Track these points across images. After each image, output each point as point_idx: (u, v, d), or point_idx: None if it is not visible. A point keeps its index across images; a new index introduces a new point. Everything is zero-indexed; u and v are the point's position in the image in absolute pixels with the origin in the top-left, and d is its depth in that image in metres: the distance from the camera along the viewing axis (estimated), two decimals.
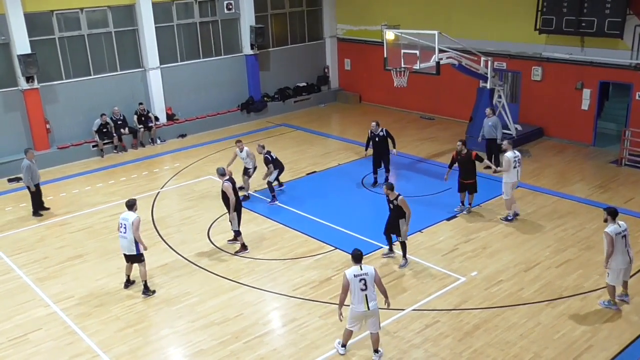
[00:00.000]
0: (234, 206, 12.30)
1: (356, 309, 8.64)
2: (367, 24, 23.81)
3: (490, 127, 16.17)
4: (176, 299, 11.00)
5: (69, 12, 18.86)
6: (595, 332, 9.57)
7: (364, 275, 8.54)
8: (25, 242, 13.60)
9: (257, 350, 9.46)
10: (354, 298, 8.60)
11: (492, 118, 16.26)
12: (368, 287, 8.54)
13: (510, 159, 13.20)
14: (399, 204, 11.26)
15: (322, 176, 17.07)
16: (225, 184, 12.29)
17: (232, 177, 12.63)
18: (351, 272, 8.57)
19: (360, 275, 8.54)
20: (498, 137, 16.09)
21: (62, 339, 9.97)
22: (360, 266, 8.61)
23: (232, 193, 12.25)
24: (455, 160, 13.76)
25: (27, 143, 18.49)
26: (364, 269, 8.59)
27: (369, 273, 8.56)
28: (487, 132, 16.30)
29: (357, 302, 8.60)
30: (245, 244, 12.71)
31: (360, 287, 8.53)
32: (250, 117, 23.00)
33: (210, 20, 21.99)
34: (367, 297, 8.55)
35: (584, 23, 17.04)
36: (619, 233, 9.84)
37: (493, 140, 16.25)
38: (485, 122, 16.34)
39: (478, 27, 20.08)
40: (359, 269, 8.59)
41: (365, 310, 8.60)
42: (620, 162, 16.80)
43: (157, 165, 18.58)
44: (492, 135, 16.21)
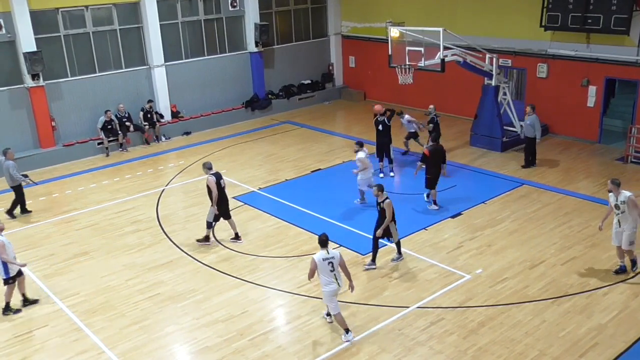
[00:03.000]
0: (216, 200, 12.45)
1: (329, 288, 9.33)
2: (371, 21, 23.77)
3: (528, 125, 16.08)
4: (181, 296, 11.03)
5: (74, 10, 18.90)
6: (600, 329, 9.54)
7: (331, 259, 9.25)
8: (32, 239, 13.66)
9: (261, 348, 9.48)
10: (324, 279, 9.30)
11: (532, 116, 16.03)
12: (335, 268, 9.31)
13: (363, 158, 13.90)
14: (385, 207, 11.10)
15: (326, 173, 17.06)
16: (210, 177, 12.47)
17: (218, 172, 12.74)
18: (319, 257, 9.23)
19: (328, 258, 9.24)
20: (537, 137, 16.12)
21: (68, 336, 10.01)
22: (327, 250, 9.27)
23: (215, 187, 12.39)
24: None
25: (33, 140, 18.57)
26: (330, 252, 9.27)
27: (335, 257, 9.27)
28: (526, 131, 16.24)
29: (326, 283, 9.31)
30: (209, 236, 12.98)
31: (329, 269, 9.27)
32: (254, 114, 23.01)
33: (215, 18, 22.00)
34: (336, 276, 9.31)
35: (590, 19, 16.96)
36: None
37: (532, 139, 16.18)
38: (524, 121, 16.30)
39: (483, 24, 20.03)
40: (326, 252, 9.25)
41: (337, 288, 9.35)
42: (626, 159, 16.73)
43: (162, 163, 18.62)
44: (531, 134, 16.10)
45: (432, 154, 13.89)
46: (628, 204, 10.45)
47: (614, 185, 10.59)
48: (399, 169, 16.90)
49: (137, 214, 14.76)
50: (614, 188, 10.57)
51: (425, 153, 13.97)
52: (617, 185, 10.58)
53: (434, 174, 14.04)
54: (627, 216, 10.55)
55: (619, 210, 10.63)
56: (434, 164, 13.95)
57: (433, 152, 13.92)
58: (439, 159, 14.02)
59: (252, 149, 19.40)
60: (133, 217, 14.57)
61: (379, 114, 15.93)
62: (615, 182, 10.60)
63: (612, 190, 10.61)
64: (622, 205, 10.53)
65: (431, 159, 13.89)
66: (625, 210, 10.53)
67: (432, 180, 14.10)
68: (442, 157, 14.12)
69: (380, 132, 15.96)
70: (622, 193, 10.53)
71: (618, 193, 10.55)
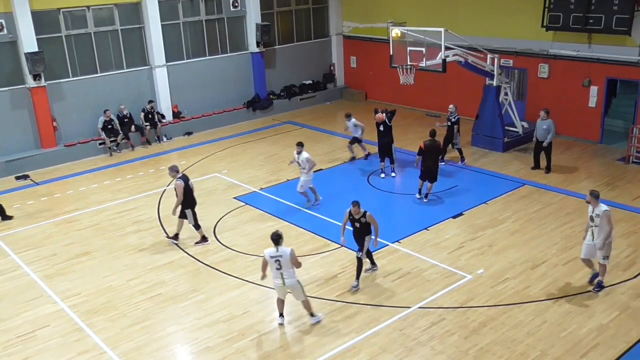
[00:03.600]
0: (179, 203, 12.44)
1: (274, 282, 9.74)
2: (373, 22, 23.77)
3: (544, 130, 15.73)
4: (182, 297, 11.04)
5: (76, 10, 18.92)
6: (602, 330, 9.54)
7: (279, 257, 9.41)
8: (33, 239, 13.68)
9: (263, 348, 9.49)
10: (272, 274, 9.65)
11: (548, 121, 15.71)
12: (282, 267, 9.47)
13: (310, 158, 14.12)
14: (368, 221, 10.73)
15: (327, 174, 17.06)
16: (177, 182, 12.41)
17: (185, 175, 12.70)
18: (268, 253, 9.48)
19: (275, 256, 9.43)
20: (548, 139, 15.73)
21: (70, 336, 10.03)
22: (277, 248, 9.40)
23: (182, 192, 12.33)
24: None
25: (34, 141, 18.59)
26: (279, 250, 9.42)
27: (283, 255, 9.41)
28: (541, 135, 15.87)
29: (274, 277, 9.65)
30: (204, 236, 13.01)
31: (275, 266, 9.50)
32: (256, 114, 23.02)
33: (216, 18, 22.01)
34: (282, 274, 9.53)
35: (592, 20, 16.95)
36: None
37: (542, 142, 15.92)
38: (539, 124, 15.92)
39: (484, 24, 20.02)
40: (275, 250, 9.41)
41: (281, 285, 9.64)
42: (627, 159, 16.72)
43: (164, 163, 18.60)
44: (544, 138, 15.79)
45: (427, 148, 14.33)
46: (602, 218, 10.09)
47: (592, 197, 10.23)
48: (400, 169, 16.89)
49: (139, 214, 14.77)
50: (592, 200, 10.21)
51: (421, 146, 14.40)
52: (595, 197, 10.20)
53: (426, 167, 14.44)
54: (601, 230, 10.20)
55: (593, 222, 10.26)
56: (428, 158, 14.32)
57: (428, 146, 14.34)
58: (433, 154, 14.35)
59: (253, 149, 19.41)
60: (134, 218, 14.58)
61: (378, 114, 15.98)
62: (594, 194, 10.23)
63: (590, 202, 10.24)
64: (597, 218, 10.17)
65: (426, 153, 14.33)
66: (599, 224, 10.18)
67: (424, 173, 14.53)
68: (437, 152, 14.48)
69: (382, 133, 16.00)
70: (599, 206, 10.16)
71: (595, 205, 10.18)
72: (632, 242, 12.31)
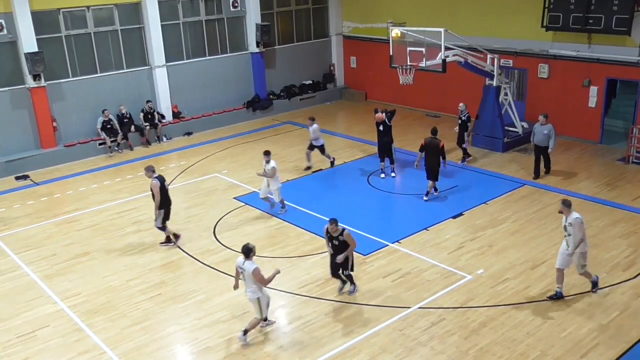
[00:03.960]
0: (159, 204, 12.41)
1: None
2: (373, 22, 23.77)
3: (544, 135, 15.27)
4: (182, 297, 11.04)
5: (76, 10, 18.91)
6: (602, 330, 9.54)
7: (242, 271, 9.41)
8: (33, 240, 13.67)
9: (263, 348, 9.49)
10: None
11: (548, 125, 15.28)
12: (246, 280, 9.44)
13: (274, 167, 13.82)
14: (345, 239, 10.18)
15: (327, 174, 17.06)
16: (154, 181, 12.39)
17: (161, 175, 12.66)
18: (237, 261, 9.53)
19: (241, 269, 9.43)
20: (550, 146, 15.39)
21: (69, 336, 10.03)
22: (244, 260, 9.36)
23: (159, 191, 12.34)
24: None
25: (34, 141, 18.59)
26: (245, 264, 9.34)
27: (246, 270, 9.31)
28: (541, 140, 15.41)
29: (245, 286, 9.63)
30: (170, 236, 12.93)
31: (240, 276, 9.57)
32: (256, 114, 23.02)
33: (216, 18, 22.01)
34: (246, 285, 9.53)
35: (592, 20, 16.95)
36: None
37: (545, 148, 15.45)
38: (538, 129, 15.45)
39: (484, 24, 20.02)
40: (242, 262, 9.40)
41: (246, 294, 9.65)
42: (627, 159, 16.72)
43: (164, 163, 18.62)
44: (545, 143, 15.37)
45: (427, 145, 14.51)
46: (574, 226, 9.91)
47: (564, 207, 10.03)
48: (400, 169, 16.90)
49: (139, 214, 14.77)
50: (564, 209, 10.01)
51: (422, 143, 14.63)
52: (567, 206, 10.00)
53: (427, 165, 14.61)
54: (574, 239, 10.01)
55: (566, 232, 10.09)
56: (428, 155, 14.49)
57: (428, 143, 14.50)
58: (432, 151, 14.42)
59: (253, 150, 19.40)
60: (134, 218, 14.58)
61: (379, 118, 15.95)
62: (566, 203, 10.05)
63: (563, 212, 10.06)
64: (569, 227, 9.98)
65: (426, 150, 14.50)
66: (572, 233, 9.99)
67: (426, 171, 14.69)
68: (436, 150, 14.40)
69: (381, 132, 15.99)
70: (571, 215, 9.98)
71: (568, 214, 10.00)
72: (632, 242, 12.32)
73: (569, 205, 10.05)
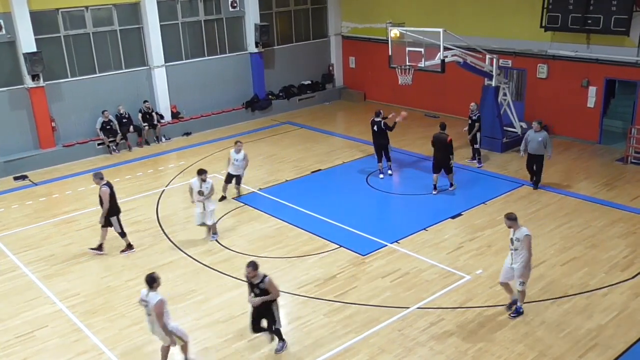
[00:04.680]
0: (106, 211, 12.26)
1: None
2: (372, 22, 23.78)
3: (539, 142, 14.51)
4: (181, 297, 11.03)
5: (75, 10, 18.90)
6: (600, 330, 9.55)
7: (145, 304, 8.42)
8: (32, 240, 13.66)
9: (261, 348, 9.48)
10: None
11: (543, 133, 14.59)
12: (148, 313, 8.39)
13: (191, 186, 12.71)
14: (267, 287, 8.83)
15: (326, 174, 17.07)
16: (103, 188, 12.20)
17: (109, 182, 12.46)
18: (140, 294, 8.53)
19: (143, 299, 8.43)
20: (550, 153, 14.76)
21: (68, 336, 10.02)
22: (148, 292, 8.38)
23: (108, 198, 12.18)
24: None
25: (33, 141, 18.58)
26: (148, 296, 8.37)
27: (150, 302, 8.33)
28: (535, 148, 14.64)
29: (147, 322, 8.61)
30: (129, 244, 12.71)
31: (145, 311, 8.46)
32: (255, 115, 23.02)
33: (215, 18, 22.01)
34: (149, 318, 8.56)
35: (590, 20, 16.97)
36: None
37: (539, 156, 14.74)
38: (532, 136, 14.65)
39: (483, 24, 20.03)
40: (145, 293, 8.39)
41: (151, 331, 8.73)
42: (626, 159, 16.74)
43: (163, 163, 18.63)
44: (540, 151, 14.65)
45: (435, 139, 14.91)
46: (522, 242, 9.50)
47: (509, 221, 9.57)
48: (399, 169, 16.91)
49: (137, 214, 14.76)
50: (512, 224, 9.55)
51: (432, 139, 15.05)
52: (513, 220, 9.54)
53: (435, 159, 14.98)
54: (519, 254, 9.62)
55: (512, 245, 9.65)
56: (436, 150, 14.86)
57: (436, 138, 14.90)
58: (441, 146, 14.73)
59: (252, 150, 19.35)
60: (133, 218, 14.56)
61: (375, 115, 16.03)
62: (511, 217, 9.56)
63: (511, 226, 9.59)
64: (517, 242, 9.55)
65: (434, 144, 14.93)
66: (518, 248, 9.57)
67: (433, 165, 15.04)
68: (444, 145, 14.66)
69: (376, 133, 16.00)
70: (520, 229, 9.53)
71: (516, 228, 9.54)
72: (631, 242, 12.33)
73: (515, 219, 9.56)
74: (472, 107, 16.62)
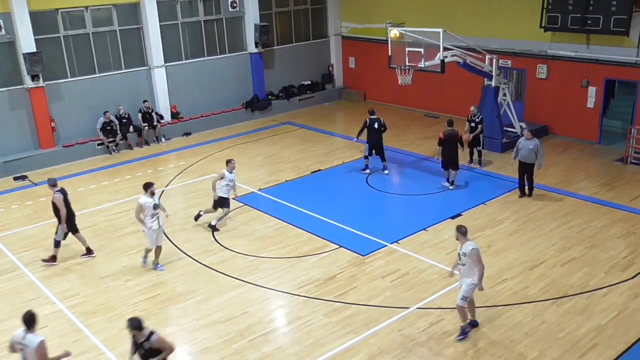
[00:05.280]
0: (64, 217, 12.14)
1: None
2: (371, 22, 23.78)
3: (530, 150, 14.06)
4: (181, 297, 11.03)
5: (74, 11, 18.90)
6: (600, 330, 9.55)
7: (22, 347, 7.08)
8: (32, 240, 13.66)
9: (261, 348, 9.48)
10: None
11: (535, 141, 14.10)
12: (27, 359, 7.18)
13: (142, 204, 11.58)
14: (155, 346, 7.55)
15: (326, 174, 17.06)
16: (56, 195, 12.08)
17: (63, 188, 12.31)
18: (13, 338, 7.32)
19: (21, 345, 7.09)
20: (540, 162, 14.15)
21: (68, 337, 10.01)
22: (24, 334, 7.12)
23: (63, 205, 12.09)
24: None
25: (33, 141, 18.58)
26: (26, 339, 7.07)
27: (29, 345, 7.06)
28: (526, 156, 14.21)
29: None
30: (55, 256, 12.33)
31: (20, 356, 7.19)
32: (254, 115, 23.01)
33: (215, 19, 22.01)
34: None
35: (590, 20, 16.97)
36: None
37: (530, 165, 14.25)
38: (523, 144, 14.22)
39: (483, 24, 20.04)
40: (22, 336, 7.12)
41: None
42: (625, 160, 16.74)
43: (162, 164, 18.62)
44: (531, 159, 14.21)
45: (447, 137, 14.94)
46: (471, 257, 8.97)
47: (458, 234, 9.09)
48: (399, 169, 16.91)
49: None
50: (459, 237, 9.08)
51: (440, 137, 15.00)
52: (462, 233, 9.06)
53: (447, 157, 15.09)
54: (469, 269, 9.10)
55: (460, 261, 9.19)
56: (449, 147, 14.98)
57: (448, 135, 14.95)
58: (453, 142, 15.00)
59: (252, 150, 19.41)
60: (133, 218, 14.42)
61: (370, 114, 16.28)
62: (461, 230, 9.09)
63: (458, 239, 9.14)
64: (464, 257, 9.06)
65: (445, 142, 14.94)
66: (466, 263, 9.08)
67: (445, 162, 15.17)
68: (456, 140, 15.07)
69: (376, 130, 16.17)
70: (467, 243, 9.03)
71: (463, 242, 9.06)
72: (631, 242, 12.33)
73: (464, 232, 9.08)
74: (473, 111, 16.56)
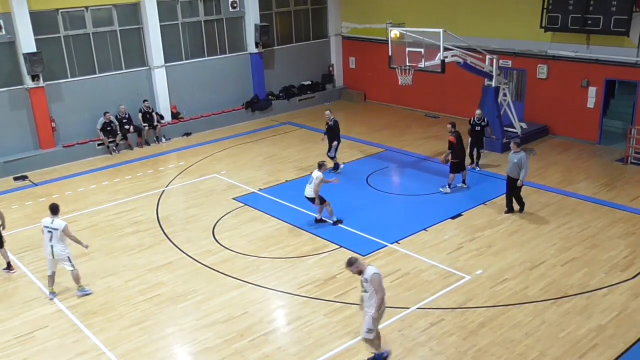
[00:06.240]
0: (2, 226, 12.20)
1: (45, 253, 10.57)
2: (372, 22, 23.78)
3: (515, 164, 13.38)
4: (181, 297, 11.03)
5: (74, 11, 18.90)
6: (600, 330, 9.55)
7: (51, 229, 10.34)
8: (32, 240, 13.64)
9: (262, 349, 9.48)
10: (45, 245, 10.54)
11: (521, 154, 13.35)
12: (53, 239, 10.38)
13: None
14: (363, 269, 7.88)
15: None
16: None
17: None
18: (43, 223, 10.50)
19: (48, 227, 10.33)
20: (521, 178, 13.29)
21: (68, 337, 10.01)
22: (52, 219, 10.34)
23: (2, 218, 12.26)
24: None
25: (33, 141, 18.59)
26: (54, 222, 10.36)
27: (57, 228, 10.33)
28: (510, 170, 13.55)
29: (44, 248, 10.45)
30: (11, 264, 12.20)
31: (47, 237, 10.41)
32: (255, 115, 23.02)
33: (215, 19, 22.01)
34: (52, 247, 10.47)
35: (590, 21, 16.97)
36: None
37: (515, 180, 13.46)
38: (509, 157, 13.61)
39: (483, 25, 20.04)
40: (50, 220, 10.32)
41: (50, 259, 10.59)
42: (626, 160, 16.74)
43: (162, 164, 18.62)
44: (515, 174, 13.43)
45: (458, 140, 14.86)
46: (372, 283, 8.29)
47: (351, 267, 8.42)
48: (398, 169, 16.89)
49: (137, 214, 14.76)
50: (352, 269, 8.41)
51: (452, 140, 14.82)
52: (352, 264, 8.39)
53: (462, 158, 15.10)
54: (370, 297, 8.43)
55: (362, 287, 8.50)
56: (461, 148, 15.02)
57: (458, 138, 14.88)
58: (462, 144, 15.06)
59: (252, 150, 19.41)
60: (133, 218, 14.57)
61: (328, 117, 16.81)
62: (350, 262, 8.39)
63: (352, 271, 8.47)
64: (365, 283, 8.38)
65: (457, 144, 14.87)
66: (368, 290, 8.39)
67: (460, 165, 15.10)
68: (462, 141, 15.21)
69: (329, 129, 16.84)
70: (367, 269, 8.37)
71: (363, 269, 8.37)
72: (631, 242, 12.33)
73: (353, 263, 8.39)
74: (479, 115, 16.38)
